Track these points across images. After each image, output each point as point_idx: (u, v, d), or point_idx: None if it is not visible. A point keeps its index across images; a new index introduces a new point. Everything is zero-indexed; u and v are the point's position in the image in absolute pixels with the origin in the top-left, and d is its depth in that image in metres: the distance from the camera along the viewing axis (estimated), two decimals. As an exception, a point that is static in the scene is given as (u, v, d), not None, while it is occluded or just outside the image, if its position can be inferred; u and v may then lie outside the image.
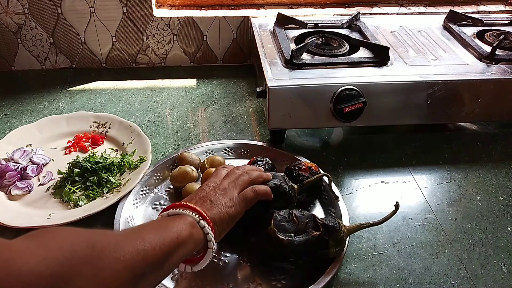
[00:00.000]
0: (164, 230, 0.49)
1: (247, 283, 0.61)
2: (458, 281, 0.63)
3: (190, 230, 0.51)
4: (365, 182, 0.81)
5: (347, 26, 1.05)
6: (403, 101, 0.84)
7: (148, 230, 0.48)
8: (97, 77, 1.12)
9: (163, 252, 0.46)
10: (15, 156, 0.81)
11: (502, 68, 0.89)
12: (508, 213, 0.76)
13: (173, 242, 0.48)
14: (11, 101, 1.01)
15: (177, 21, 1.11)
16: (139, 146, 0.84)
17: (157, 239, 0.46)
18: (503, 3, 1.24)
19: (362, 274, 0.64)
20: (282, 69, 0.86)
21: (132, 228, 0.54)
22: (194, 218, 0.53)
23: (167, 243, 0.47)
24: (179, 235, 0.49)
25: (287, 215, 0.62)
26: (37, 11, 1.05)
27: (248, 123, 0.96)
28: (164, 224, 0.51)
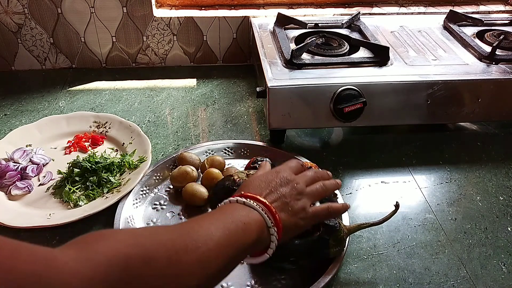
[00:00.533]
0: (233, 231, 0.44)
1: (247, 283, 0.61)
2: (458, 281, 0.63)
3: (259, 233, 0.47)
4: (365, 182, 0.81)
5: (347, 26, 1.05)
6: (403, 101, 0.84)
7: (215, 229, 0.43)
8: (97, 77, 1.12)
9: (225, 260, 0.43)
10: (15, 156, 0.81)
11: (502, 68, 0.89)
12: (508, 213, 0.76)
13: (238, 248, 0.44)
14: (11, 101, 1.01)
15: (177, 21, 1.11)
16: (139, 146, 0.84)
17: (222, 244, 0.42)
18: (503, 3, 1.24)
19: (362, 274, 0.64)
20: (282, 69, 0.86)
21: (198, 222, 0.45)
22: (267, 222, 0.48)
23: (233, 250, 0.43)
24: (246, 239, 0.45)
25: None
26: (37, 11, 1.05)
27: (248, 123, 0.96)
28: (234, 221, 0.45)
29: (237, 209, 0.48)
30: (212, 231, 0.42)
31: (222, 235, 0.42)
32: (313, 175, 0.58)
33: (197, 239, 0.40)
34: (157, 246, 0.37)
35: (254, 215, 0.48)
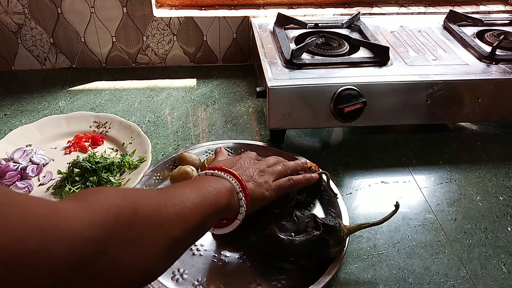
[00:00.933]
0: (206, 193, 0.50)
1: (247, 283, 0.61)
2: (458, 281, 0.63)
3: (229, 197, 0.52)
4: (365, 182, 0.81)
5: (347, 26, 1.05)
6: (403, 101, 0.84)
7: (190, 192, 0.48)
8: (97, 77, 1.12)
9: (201, 217, 0.47)
10: (15, 156, 0.81)
11: (502, 68, 0.89)
12: (508, 213, 0.76)
13: (212, 208, 0.49)
14: (11, 101, 1.01)
15: (177, 21, 1.11)
16: (139, 146, 0.84)
17: (197, 203, 0.47)
18: (503, 3, 1.24)
19: (362, 274, 0.64)
20: (282, 69, 0.86)
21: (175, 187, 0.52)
22: (235, 187, 0.54)
23: (207, 209, 0.48)
24: (218, 201, 0.50)
25: (287, 214, 0.62)
26: (37, 11, 1.05)
27: (248, 123, 0.96)
28: (206, 187, 0.51)
29: (208, 179, 0.54)
30: (187, 193, 0.48)
31: (197, 197, 0.48)
32: (274, 160, 0.66)
33: (174, 198, 0.46)
34: (142, 199, 0.42)
35: (224, 182, 0.54)
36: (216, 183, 0.53)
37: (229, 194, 0.53)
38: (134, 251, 0.38)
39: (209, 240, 0.68)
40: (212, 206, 0.49)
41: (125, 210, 0.38)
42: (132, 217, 0.38)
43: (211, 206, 0.49)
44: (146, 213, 0.40)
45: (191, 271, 0.63)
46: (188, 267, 0.63)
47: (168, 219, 0.43)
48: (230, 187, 0.54)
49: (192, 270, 0.63)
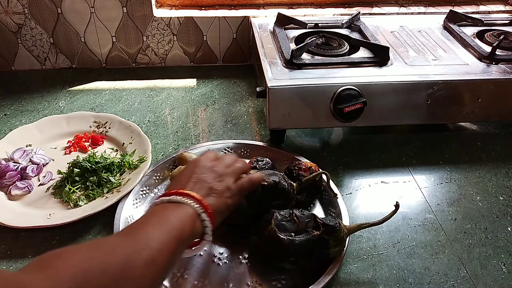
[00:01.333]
0: (169, 228, 0.48)
1: (247, 283, 0.61)
2: (458, 281, 0.63)
3: (193, 224, 0.51)
4: (365, 182, 0.81)
5: (347, 26, 1.05)
6: (403, 101, 0.84)
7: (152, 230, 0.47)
8: (97, 77, 1.12)
9: (170, 255, 0.46)
10: (15, 156, 0.81)
11: (502, 68, 0.89)
12: (508, 213, 0.76)
13: (178, 241, 0.48)
14: (11, 101, 1.01)
15: (177, 21, 1.11)
16: (139, 146, 0.84)
17: (163, 241, 0.46)
18: (503, 3, 1.24)
19: (362, 274, 0.64)
20: (282, 69, 0.86)
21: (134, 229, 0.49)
22: (197, 210, 0.52)
23: (173, 244, 0.47)
24: (183, 232, 0.49)
25: (287, 214, 0.62)
26: (37, 11, 1.05)
27: (248, 123, 0.96)
28: (167, 220, 0.49)
29: (166, 208, 0.52)
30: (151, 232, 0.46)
31: (161, 234, 0.46)
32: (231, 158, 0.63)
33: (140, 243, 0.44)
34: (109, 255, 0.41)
35: (184, 208, 0.52)
36: (176, 211, 0.51)
37: (192, 220, 0.51)
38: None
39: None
40: (179, 239, 0.48)
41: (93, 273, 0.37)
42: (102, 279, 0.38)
43: (177, 239, 0.48)
44: (115, 271, 0.39)
45: (191, 271, 0.63)
46: (188, 267, 0.63)
47: (137, 270, 0.41)
48: (192, 213, 0.51)
49: (192, 270, 0.63)
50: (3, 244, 0.67)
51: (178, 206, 0.52)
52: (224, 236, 0.68)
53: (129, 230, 0.49)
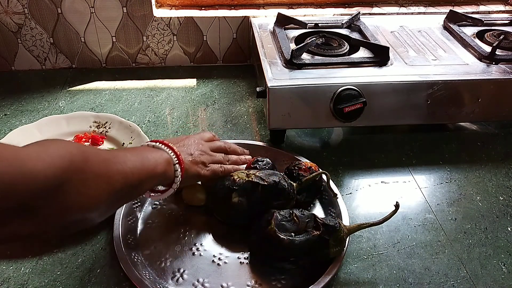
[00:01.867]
0: (145, 159, 0.57)
1: (247, 283, 0.61)
2: (458, 281, 0.63)
3: (165, 166, 0.59)
4: (365, 182, 0.81)
5: (347, 26, 1.05)
6: (403, 101, 0.84)
7: (131, 156, 0.55)
8: (97, 77, 1.12)
9: (139, 178, 0.54)
10: (15, 156, 0.81)
11: (502, 68, 0.89)
12: (508, 213, 0.76)
13: (149, 172, 0.56)
14: (11, 101, 1.01)
15: (177, 21, 1.11)
16: (139, 146, 0.84)
17: (137, 166, 0.54)
18: (503, 3, 1.24)
19: (362, 274, 0.64)
20: (282, 69, 0.86)
21: (118, 150, 0.67)
22: (172, 159, 0.61)
23: (144, 172, 0.55)
24: (155, 167, 0.57)
25: (287, 214, 0.63)
26: (37, 11, 1.05)
27: (248, 123, 0.96)
28: (146, 153, 0.58)
29: (149, 149, 0.61)
30: (128, 157, 0.55)
31: (136, 161, 0.55)
32: (221, 145, 0.73)
33: (118, 158, 0.53)
34: (92, 153, 0.49)
35: (162, 154, 0.60)
36: (155, 153, 0.60)
37: (166, 164, 0.59)
38: (82, 191, 0.45)
39: (209, 240, 0.68)
40: (150, 172, 0.56)
41: (77, 157, 0.45)
42: (83, 164, 0.46)
43: (148, 171, 0.56)
44: (94, 163, 0.47)
45: (191, 271, 0.63)
46: (188, 267, 0.63)
47: (111, 172, 0.50)
48: (167, 158, 0.60)
49: (192, 270, 0.63)
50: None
51: (158, 151, 0.61)
52: (224, 236, 0.68)
53: (113, 150, 0.60)
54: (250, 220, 0.65)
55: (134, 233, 0.68)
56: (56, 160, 0.42)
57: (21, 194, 0.39)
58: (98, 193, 0.47)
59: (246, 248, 0.66)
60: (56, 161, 0.42)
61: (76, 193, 0.44)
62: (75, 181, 0.44)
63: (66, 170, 0.43)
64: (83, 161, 0.46)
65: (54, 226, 0.45)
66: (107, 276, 0.62)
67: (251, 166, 0.74)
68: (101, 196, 0.48)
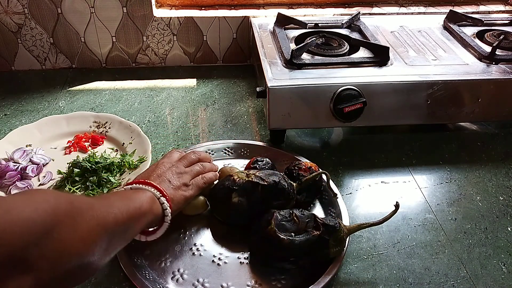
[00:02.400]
0: (129, 200, 0.56)
1: (247, 283, 0.61)
2: (458, 281, 0.63)
3: (151, 204, 0.58)
4: (365, 182, 0.81)
5: (347, 26, 1.05)
6: (403, 101, 0.84)
7: (116, 199, 0.54)
8: (97, 77, 1.12)
9: (129, 217, 0.53)
10: (15, 156, 0.81)
11: (502, 68, 0.89)
12: (508, 213, 0.76)
13: (136, 211, 0.55)
14: (11, 101, 1.01)
15: (177, 21, 1.11)
16: (139, 146, 0.84)
17: (123, 207, 0.53)
18: (503, 3, 1.24)
19: (362, 274, 0.64)
20: (282, 69, 0.86)
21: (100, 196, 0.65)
22: (155, 194, 0.59)
23: (132, 211, 0.54)
24: (141, 206, 0.56)
25: (287, 214, 0.63)
26: (37, 11, 1.05)
27: (248, 123, 0.96)
28: (129, 196, 0.57)
29: (129, 192, 0.59)
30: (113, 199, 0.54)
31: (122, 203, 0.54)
32: (192, 157, 0.70)
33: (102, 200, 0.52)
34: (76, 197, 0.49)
35: (144, 192, 0.59)
36: (136, 194, 0.58)
37: (151, 201, 0.58)
38: (74, 236, 0.44)
39: (209, 240, 0.68)
40: (137, 210, 0.55)
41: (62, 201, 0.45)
42: (69, 207, 0.45)
43: (135, 210, 0.55)
44: (80, 206, 0.46)
45: (191, 271, 0.63)
46: (188, 267, 0.63)
47: (100, 213, 0.48)
48: (150, 195, 0.59)
49: (192, 270, 0.63)
50: (3, 244, 0.67)
51: (139, 191, 0.59)
52: (224, 236, 0.68)
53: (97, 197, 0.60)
54: (250, 220, 0.65)
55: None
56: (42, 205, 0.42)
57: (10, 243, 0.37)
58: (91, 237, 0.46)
59: (246, 248, 0.66)
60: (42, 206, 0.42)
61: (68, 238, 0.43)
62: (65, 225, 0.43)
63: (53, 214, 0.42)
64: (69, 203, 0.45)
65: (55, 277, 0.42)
66: (107, 276, 0.62)
67: (250, 166, 0.74)
68: (95, 238, 0.46)
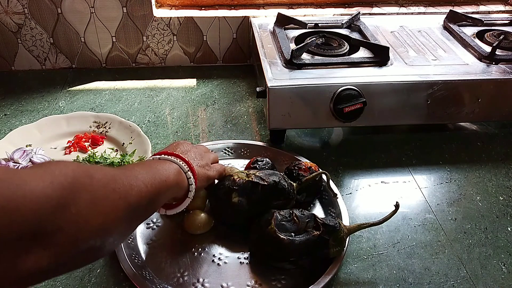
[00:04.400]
0: (155, 171, 0.54)
1: (247, 283, 0.61)
2: (458, 281, 0.63)
3: (178, 176, 0.57)
4: (365, 182, 0.81)
5: (347, 26, 1.05)
6: (403, 101, 0.84)
7: (140, 170, 0.52)
8: (97, 77, 1.12)
9: (154, 190, 0.51)
10: (15, 156, 0.81)
11: (502, 68, 0.89)
12: (508, 213, 0.76)
13: (162, 184, 0.53)
14: (11, 101, 1.01)
15: (177, 21, 1.11)
16: (139, 146, 0.84)
17: (149, 179, 0.51)
18: (503, 3, 1.24)
19: (362, 274, 0.64)
20: (282, 69, 0.86)
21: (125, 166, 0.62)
22: (183, 168, 0.59)
23: (157, 184, 0.52)
24: (167, 178, 0.55)
25: (287, 214, 0.63)
26: (37, 11, 1.05)
27: (248, 123, 0.96)
28: (155, 167, 0.55)
29: (157, 162, 0.58)
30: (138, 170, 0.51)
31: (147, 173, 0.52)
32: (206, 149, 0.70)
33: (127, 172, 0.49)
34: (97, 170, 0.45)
35: (171, 164, 0.58)
36: (164, 164, 0.57)
37: (178, 173, 0.57)
38: (95, 211, 0.41)
39: (209, 240, 0.68)
40: (162, 182, 0.53)
41: (81, 174, 0.42)
42: (88, 181, 0.42)
43: (161, 182, 0.53)
44: (101, 179, 0.44)
45: (191, 271, 0.63)
46: (188, 267, 0.63)
47: (123, 186, 0.46)
48: (177, 168, 0.58)
49: (192, 270, 0.63)
50: (3, 244, 0.67)
51: (165, 162, 0.58)
52: (224, 236, 0.68)
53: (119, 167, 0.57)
54: (250, 220, 0.65)
55: (134, 234, 0.68)
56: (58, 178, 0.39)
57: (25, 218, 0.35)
58: (114, 212, 0.44)
59: (246, 248, 0.66)
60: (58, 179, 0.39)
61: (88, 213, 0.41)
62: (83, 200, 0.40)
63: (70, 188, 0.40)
64: (88, 177, 0.42)
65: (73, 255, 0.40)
66: (107, 276, 0.62)
67: (250, 166, 0.74)
68: (118, 213, 0.44)
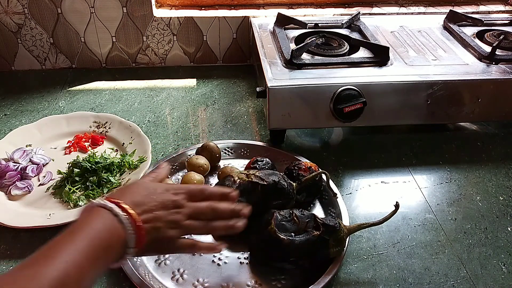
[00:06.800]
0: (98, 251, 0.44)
1: (247, 283, 0.61)
2: (458, 281, 0.63)
3: (118, 241, 0.47)
4: (365, 182, 0.81)
5: (347, 26, 1.05)
6: (403, 101, 0.84)
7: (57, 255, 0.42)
8: (97, 77, 1.12)
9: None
10: (15, 156, 0.81)
11: (502, 68, 0.89)
12: (508, 213, 0.76)
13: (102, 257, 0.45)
14: (11, 101, 1.01)
15: (177, 21, 1.11)
16: (139, 146, 0.84)
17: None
18: (503, 3, 1.24)
19: (362, 274, 0.64)
20: (282, 69, 0.86)
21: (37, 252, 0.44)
22: (127, 228, 0.47)
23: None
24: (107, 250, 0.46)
25: (287, 214, 0.63)
26: (37, 11, 1.05)
27: (248, 123, 0.96)
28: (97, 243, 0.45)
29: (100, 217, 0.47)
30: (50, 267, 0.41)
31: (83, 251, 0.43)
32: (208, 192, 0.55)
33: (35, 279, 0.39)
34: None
35: (116, 227, 0.47)
36: (108, 226, 0.47)
37: (120, 239, 0.47)
38: None
39: (209, 240, 0.68)
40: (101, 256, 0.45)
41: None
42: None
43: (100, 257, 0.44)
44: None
45: (191, 271, 0.63)
46: (188, 267, 0.63)
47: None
48: (122, 234, 0.47)
49: (192, 270, 0.63)
50: (3, 244, 0.67)
51: (114, 222, 0.47)
52: (224, 236, 0.68)
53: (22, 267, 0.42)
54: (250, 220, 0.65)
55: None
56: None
57: None
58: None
59: (246, 248, 0.66)
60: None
61: None
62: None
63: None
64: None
65: None
66: (107, 276, 0.62)
67: (250, 166, 0.74)
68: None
